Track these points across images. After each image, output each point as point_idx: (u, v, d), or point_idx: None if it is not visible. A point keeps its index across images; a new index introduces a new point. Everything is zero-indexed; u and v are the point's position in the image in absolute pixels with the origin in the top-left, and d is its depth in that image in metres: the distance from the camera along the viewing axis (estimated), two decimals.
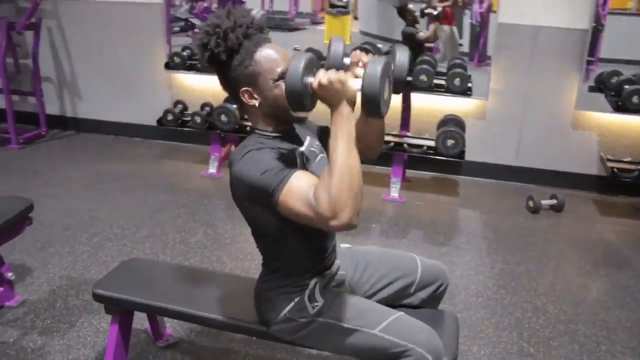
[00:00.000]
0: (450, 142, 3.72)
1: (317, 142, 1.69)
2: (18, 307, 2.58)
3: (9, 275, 2.56)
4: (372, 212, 3.68)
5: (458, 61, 4.06)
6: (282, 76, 1.45)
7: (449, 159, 3.77)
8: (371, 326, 1.56)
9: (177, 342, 2.34)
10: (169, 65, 4.49)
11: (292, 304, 1.62)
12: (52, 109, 5.30)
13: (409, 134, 4.13)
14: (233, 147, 4.59)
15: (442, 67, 4.22)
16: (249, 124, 4.25)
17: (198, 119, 4.24)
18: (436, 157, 3.81)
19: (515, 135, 4.29)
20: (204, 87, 4.62)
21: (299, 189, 1.38)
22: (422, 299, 1.83)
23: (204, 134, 4.44)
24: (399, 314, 1.62)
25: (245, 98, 1.52)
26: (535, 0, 3.99)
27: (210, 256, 3.07)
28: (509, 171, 4.36)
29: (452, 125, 3.85)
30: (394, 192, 3.94)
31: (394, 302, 1.80)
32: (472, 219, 3.76)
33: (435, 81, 3.91)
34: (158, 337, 2.32)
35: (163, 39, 4.76)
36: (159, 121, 4.39)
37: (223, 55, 1.48)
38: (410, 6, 4.62)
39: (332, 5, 5.34)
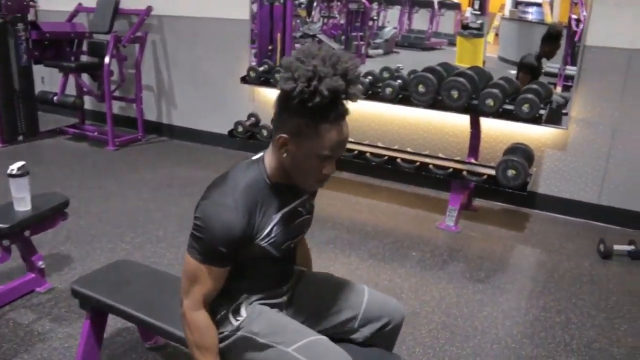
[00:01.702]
0: (511, 172, 3.43)
1: (311, 203, 1.67)
2: (45, 294, 2.79)
3: (40, 263, 2.77)
4: (419, 239, 3.51)
5: (534, 86, 3.75)
6: (323, 158, 1.40)
7: (513, 190, 3.48)
8: (287, 344, 1.50)
9: (163, 346, 2.38)
10: (245, 79, 4.63)
11: (219, 316, 1.60)
12: (150, 115, 5.72)
13: (473, 161, 3.89)
14: None
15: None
16: None
17: (265, 132, 4.34)
18: (496, 187, 3.54)
19: (599, 170, 3.86)
20: None
21: (192, 274, 1.49)
22: (366, 336, 1.70)
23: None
24: (319, 337, 1.53)
25: (279, 143, 1.42)
26: (630, 21, 3.58)
27: None
28: (589, 209, 3.93)
29: (517, 154, 3.56)
30: (450, 220, 3.72)
31: (336, 334, 1.69)
32: (527, 258, 3.43)
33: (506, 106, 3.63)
34: (146, 339, 2.38)
35: (247, 54, 4.94)
36: (230, 132, 4.54)
37: (300, 96, 1.33)
38: None
39: (465, 27, 4.93)
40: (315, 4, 8.26)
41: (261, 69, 4.53)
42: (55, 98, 5.27)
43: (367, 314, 1.69)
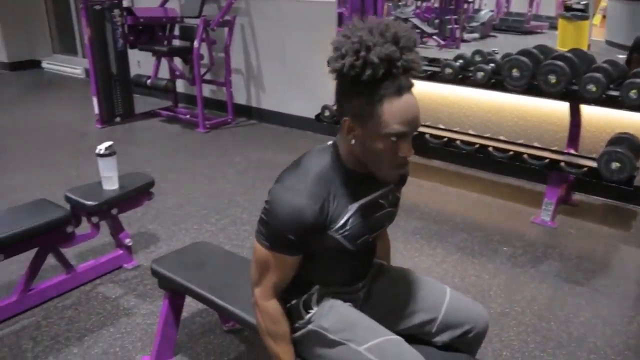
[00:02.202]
0: (615, 164, 3.13)
1: (396, 195, 1.55)
2: (131, 270, 2.86)
3: (127, 241, 2.85)
4: (512, 234, 3.29)
5: None
6: (393, 136, 1.27)
7: (617, 185, 3.18)
8: (358, 342, 1.40)
9: (241, 329, 2.37)
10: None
11: (289, 305, 1.53)
12: (240, 98, 5.78)
13: (573, 151, 3.60)
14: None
15: None
16: None
17: None
18: (598, 181, 3.25)
19: None
20: None
21: (263, 262, 1.42)
22: (445, 342, 1.57)
23: None
24: (393, 337, 1.43)
25: (345, 127, 1.32)
26: None
27: None
28: None
29: (622, 145, 3.25)
30: (546, 215, 3.47)
31: (415, 337, 1.58)
32: (632, 260, 3.13)
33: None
34: (224, 321, 2.38)
35: (334, 36, 4.83)
36: (317, 117, 4.48)
37: (351, 72, 1.23)
38: None
39: (568, 8, 4.54)
40: None
41: None
42: (148, 81, 5.44)
43: (447, 318, 1.55)
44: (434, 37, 7.27)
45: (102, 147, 2.64)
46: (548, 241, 3.24)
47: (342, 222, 1.37)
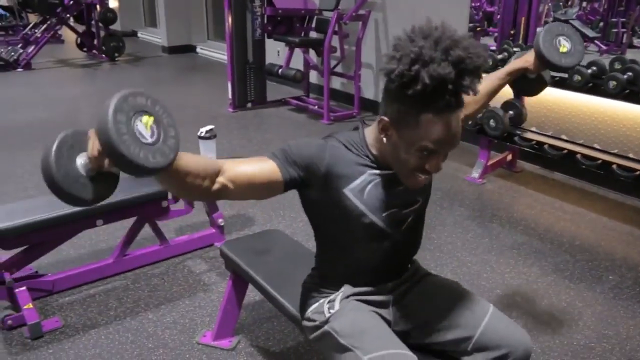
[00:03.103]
0: None
1: (418, 198, 1.47)
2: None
3: (220, 221, 3.00)
4: (623, 263, 2.95)
5: None
6: (424, 151, 1.24)
7: None
8: (364, 350, 1.36)
9: None
10: None
11: (316, 304, 1.54)
12: (368, 93, 5.80)
13: None
14: (509, 157, 4.26)
15: None
16: (518, 132, 3.91)
17: (470, 120, 4.06)
18: None
19: None
20: (505, 88, 4.33)
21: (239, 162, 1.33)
22: None
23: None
24: (401, 351, 1.36)
25: (380, 125, 1.31)
26: None
27: None
28: None
29: None
30: None
31: (450, 353, 1.51)
32: None
33: None
34: None
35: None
36: None
37: (400, 80, 1.19)
38: None
39: None
40: None
41: None
42: (280, 70, 5.64)
43: (483, 338, 1.45)
44: (596, 41, 6.73)
45: (203, 130, 2.81)
46: None
47: (359, 183, 1.36)
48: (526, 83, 1.83)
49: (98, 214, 2.48)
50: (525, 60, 1.72)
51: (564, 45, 1.60)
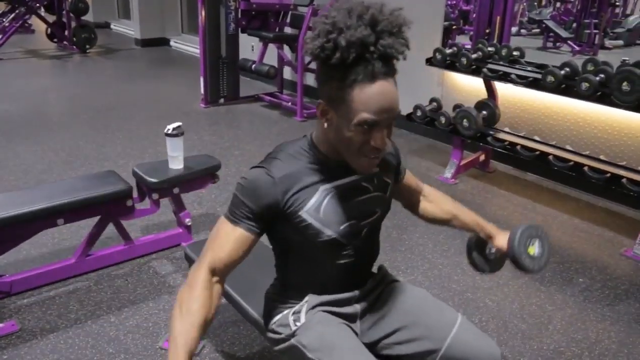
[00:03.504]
0: None
1: (385, 179, 1.45)
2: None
3: (187, 220, 2.92)
4: (594, 265, 2.96)
5: None
6: (363, 124, 1.20)
7: None
8: None
9: None
10: (430, 61, 4.35)
11: (280, 316, 1.48)
12: None
13: None
14: (482, 157, 4.25)
15: None
16: (491, 132, 3.90)
17: (443, 119, 4.05)
18: None
19: None
20: (478, 87, 4.31)
21: (214, 234, 1.34)
22: None
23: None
24: None
25: (318, 110, 1.28)
26: None
27: None
28: None
29: None
30: None
31: None
32: None
33: None
34: None
35: (438, 34, 4.65)
36: (408, 116, 4.33)
37: (321, 54, 1.18)
38: None
39: None
40: None
41: (449, 51, 4.20)
42: (253, 66, 5.56)
43: (450, 350, 1.40)
44: (569, 42, 6.78)
45: (170, 127, 2.72)
46: (635, 279, 2.88)
47: (314, 202, 1.31)
48: (483, 256, 1.71)
49: (59, 212, 2.38)
50: (496, 232, 1.63)
51: (534, 249, 1.55)
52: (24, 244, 2.58)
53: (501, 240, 1.59)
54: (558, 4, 7.87)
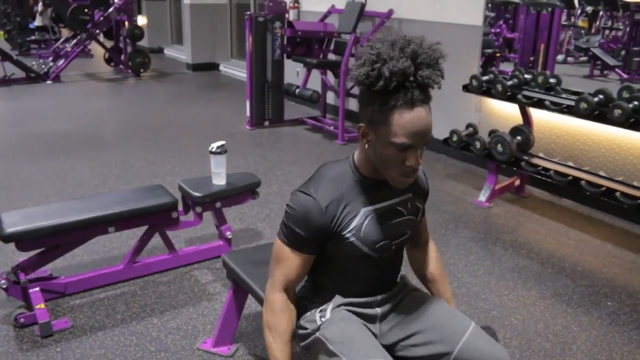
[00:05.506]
0: None
1: (417, 205, 1.63)
2: None
3: (227, 233, 3.10)
4: (623, 289, 2.97)
5: None
6: (400, 146, 1.35)
7: None
8: (351, 358, 1.46)
9: None
10: (467, 88, 4.47)
11: (308, 314, 1.64)
12: None
13: None
14: (518, 182, 4.30)
15: None
16: (525, 157, 3.96)
17: (478, 144, 4.14)
18: None
19: None
20: (515, 114, 4.37)
21: (277, 258, 1.54)
22: None
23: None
24: None
25: (359, 133, 1.44)
26: None
27: None
28: None
29: None
30: None
31: None
32: None
33: None
34: None
35: (476, 61, 4.76)
36: (445, 140, 4.44)
37: (366, 81, 1.35)
38: None
39: None
40: (601, 13, 7.51)
41: (485, 78, 4.31)
42: (297, 90, 5.78)
43: (462, 354, 1.52)
44: (616, 69, 6.75)
45: (214, 145, 2.92)
46: None
47: (355, 224, 1.47)
48: None
49: (111, 221, 2.60)
50: None
51: None
52: (78, 251, 2.83)
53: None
54: (607, 32, 7.84)
